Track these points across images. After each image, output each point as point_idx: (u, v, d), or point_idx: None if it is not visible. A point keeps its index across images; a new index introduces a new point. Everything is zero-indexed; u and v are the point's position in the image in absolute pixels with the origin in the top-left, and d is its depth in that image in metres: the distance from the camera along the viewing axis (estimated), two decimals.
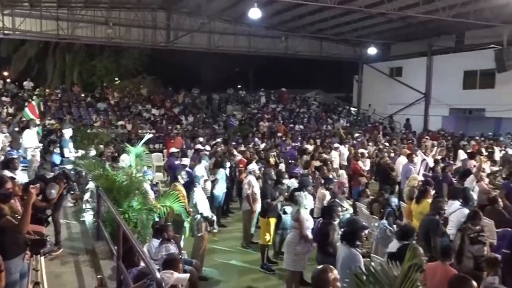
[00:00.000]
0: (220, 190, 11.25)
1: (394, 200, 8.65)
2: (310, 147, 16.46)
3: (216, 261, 8.82)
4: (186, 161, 11.85)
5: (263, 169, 11.03)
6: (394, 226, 7.55)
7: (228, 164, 11.79)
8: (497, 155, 16.61)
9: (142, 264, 5.16)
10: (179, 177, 9.05)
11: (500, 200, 8.76)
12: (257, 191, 9.52)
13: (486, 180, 11.25)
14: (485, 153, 16.02)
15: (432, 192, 8.75)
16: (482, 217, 6.98)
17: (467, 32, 26.22)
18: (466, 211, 7.19)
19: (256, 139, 19.67)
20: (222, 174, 11.37)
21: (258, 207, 9.42)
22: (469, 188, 8.80)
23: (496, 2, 19.19)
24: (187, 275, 4.61)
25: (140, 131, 21.48)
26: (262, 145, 17.64)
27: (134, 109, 25.75)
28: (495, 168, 13.26)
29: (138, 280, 4.84)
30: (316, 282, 3.83)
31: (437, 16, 20.52)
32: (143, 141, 8.85)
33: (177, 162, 12.51)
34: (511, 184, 10.29)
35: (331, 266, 3.98)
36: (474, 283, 4.17)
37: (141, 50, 34.55)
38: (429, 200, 8.07)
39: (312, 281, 3.93)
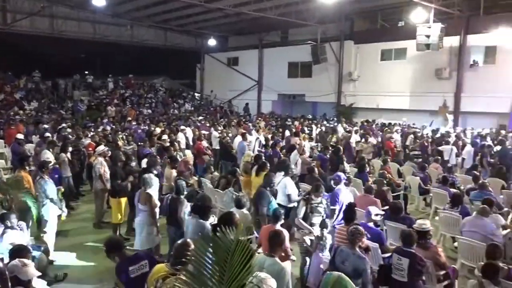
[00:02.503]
0: (65, 173, 10.38)
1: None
2: (159, 130, 16.16)
3: (68, 243, 8.19)
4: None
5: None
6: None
7: (70, 149, 10.85)
8: (314, 133, 18.41)
9: None
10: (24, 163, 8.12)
11: (316, 169, 9.72)
12: (107, 171, 9.05)
13: (307, 153, 12.41)
14: (306, 131, 17.64)
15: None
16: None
17: (291, 29, 28.17)
18: (288, 179, 7.81)
19: (105, 121, 18.64)
20: (63, 157, 10.46)
21: (108, 186, 8.96)
22: (287, 160, 9.46)
23: (311, 6, 20.95)
24: (38, 274, 4.12)
25: None
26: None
27: None
28: (313, 144, 14.65)
29: None
30: (178, 254, 3.92)
31: (266, 14, 21.65)
32: None
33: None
34: (324, 156, 11.49)
35: (189, 241, 4.09)
36: (284, 234, 4.61)
37: None
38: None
39: (175, 253, 4.02)
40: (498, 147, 13.46)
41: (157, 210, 6.90)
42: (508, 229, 7.42)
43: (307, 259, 6.02)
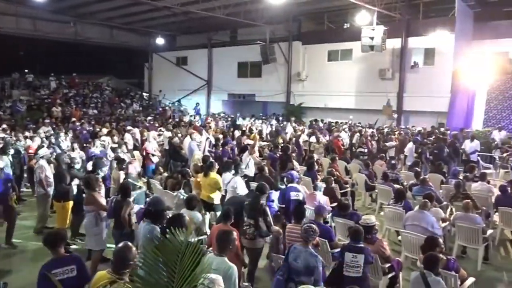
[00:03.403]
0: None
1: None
2: (105, 130, 15.64)
3: (8, 250, 7.74)
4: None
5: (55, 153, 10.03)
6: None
7: (12, 151, 10.24)
8: (265, 132, 18.56)
9: None
10: None
11: (266, 168, 9.80)
12: (50, 175, 8.64)
13: (257, 153, 12.47)
14: (255, 130, 17.73)
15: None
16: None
17: (240, 29, 28.26)
18: (239, 179, 7.81)
19: (47, 121, 17.83)
20: (6, 161, 9.86)
21: (51, 191, 8.55)
22: (238, 160, 9.43)
23: (260, 6, 21.09)
24: None
25: None
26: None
27: None
28: (263, 143, 14.75)
29: None
30: (119, 258, 3.83)
31: (214, 13, 21.55)
32: None
33: None
34: (274, 155, 11.61)
35: (129, 244, 3.96)
36: (234, 234, 4.61)
37: None
38: (215, 173, 8.45)
39: (115, 258, 3.88)
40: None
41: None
42: (447, 222, 7.86)
43: None
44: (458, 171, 11.08)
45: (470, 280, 5.63)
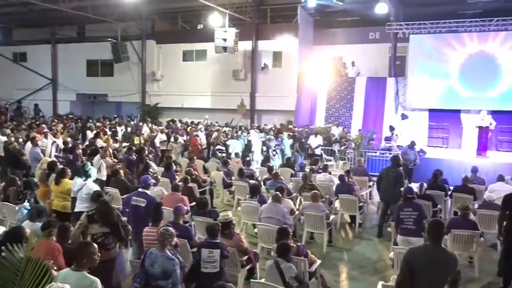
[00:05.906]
0: None
1: None
2: None
3: None
4: None
5: None
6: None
7: None
8: (120, 134, 17.77)
9: None
10: None
11: (122, 171, 9.38)
12: None
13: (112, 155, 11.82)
14: (109, 132, 16.86)
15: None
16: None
17: (88, 25, 26.47)
18: (92, 184, 7.33)
19: None
20: None
21: None
22: (88, 164, 8.74)
23: (109, 1, 20.04)
24: None
25: None
26: None
27: None
28: (117, 145, 14.08)
29: None
30: None
31: (57, 6, 19.71)
32: None
33: None
34: (130, 157, 11.19)
35: None
36: (93, 246, 4.31)
37: None
38: (68, 180, 7.73)
39: None
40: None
41: None
42: (296, 212, 8.53)
43: None
44: (304, 164, 12.14)
45: (317, 262, 6.22)
